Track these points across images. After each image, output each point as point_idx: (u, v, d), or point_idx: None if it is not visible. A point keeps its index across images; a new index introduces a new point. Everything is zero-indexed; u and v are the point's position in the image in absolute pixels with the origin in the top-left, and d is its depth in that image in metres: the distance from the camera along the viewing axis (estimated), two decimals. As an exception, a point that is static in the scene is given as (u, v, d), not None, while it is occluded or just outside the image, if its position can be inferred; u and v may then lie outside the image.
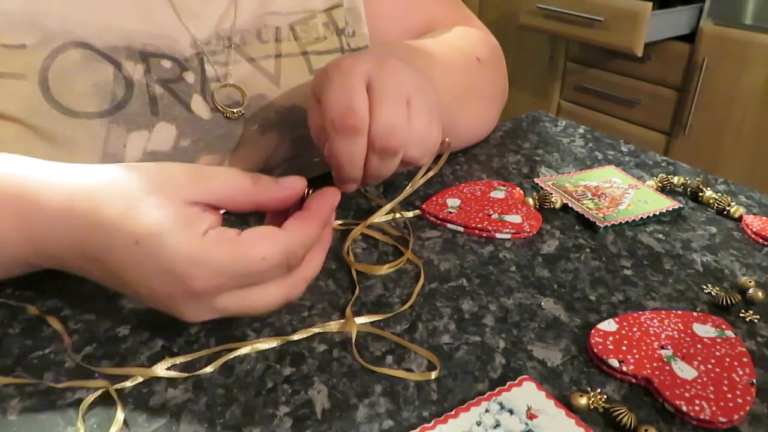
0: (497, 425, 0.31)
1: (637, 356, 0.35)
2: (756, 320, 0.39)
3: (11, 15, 0.41)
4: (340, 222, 0.49)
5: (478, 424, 0.31)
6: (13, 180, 0.34)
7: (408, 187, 0.49)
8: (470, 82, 0.56)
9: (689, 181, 0.55)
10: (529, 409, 0.32)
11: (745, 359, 0.35)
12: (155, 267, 0.30)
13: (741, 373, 0.34)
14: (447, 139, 0.50)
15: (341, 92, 0.39)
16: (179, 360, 0.35)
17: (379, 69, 0.40)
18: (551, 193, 0.52)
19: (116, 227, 0.31)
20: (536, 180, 0.56)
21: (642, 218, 0.50)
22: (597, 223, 0.49)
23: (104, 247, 0.31)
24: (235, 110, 0.49)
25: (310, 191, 0.37)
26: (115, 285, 0.34)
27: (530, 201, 0.52)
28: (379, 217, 0.49)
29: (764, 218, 0.50)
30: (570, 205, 0.51)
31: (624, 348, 0.35)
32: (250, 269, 0.31)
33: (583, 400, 0.32)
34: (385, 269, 0.43)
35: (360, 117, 0.38)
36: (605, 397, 0.33)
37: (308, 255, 0.35)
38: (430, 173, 0.50)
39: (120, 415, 0.31)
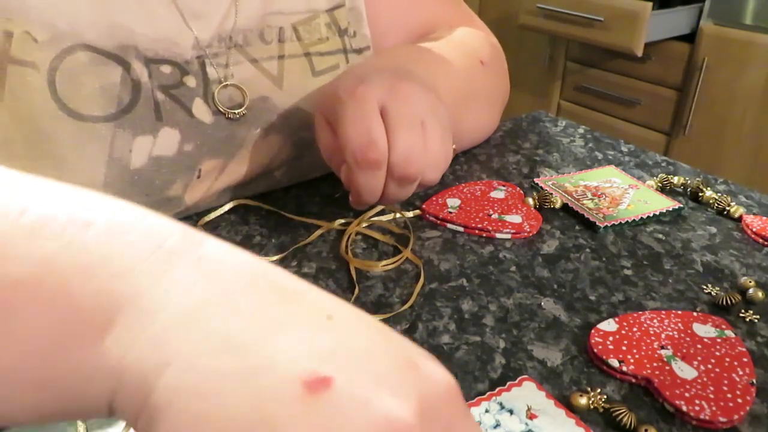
0: (497, 425, 0.31)
1: (637, 356, 0.35)
2: (756, 320, 0.39)
3: (27, 7, 0.41)
4: (340, 222, 0.49)
5: (478, 424, 0.31)
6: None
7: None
8: (473, 85, 0.56)
9: (689, 181, 0.55)
10: (529, 409, 0.32)
11: (745, 359, 0.35)
12: None
13: (741, 373, 0.34)
14: (453, 146, 0.51)
15: (359, 122, 0.40)
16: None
17: (392, 95, 0.41)
18: (551, 193, 0.52)
19: None
20: (536, 180, 0.56)
21: (642, 218, 0.50)
22: (597, 223, 0.49)
23: None
24: (236, 111, 0.49)
25: None
26: None
27: (530, 201, 0.52)
28: (377, 216, 0.49)
29: (764, 218, 0.50)
30: (570, 205, 0.51)
31: (624, 348, 0.35)
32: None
33: (583, 400, 0.32)
34: (381, 265, 0.43)
35: (381, 150, 0.39)
36: (605, 397, 0.33)
37: None
38: None
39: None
